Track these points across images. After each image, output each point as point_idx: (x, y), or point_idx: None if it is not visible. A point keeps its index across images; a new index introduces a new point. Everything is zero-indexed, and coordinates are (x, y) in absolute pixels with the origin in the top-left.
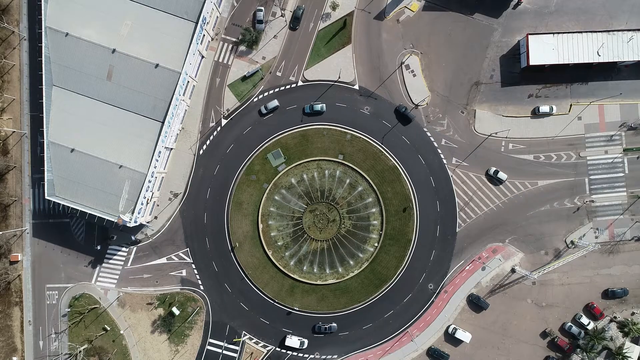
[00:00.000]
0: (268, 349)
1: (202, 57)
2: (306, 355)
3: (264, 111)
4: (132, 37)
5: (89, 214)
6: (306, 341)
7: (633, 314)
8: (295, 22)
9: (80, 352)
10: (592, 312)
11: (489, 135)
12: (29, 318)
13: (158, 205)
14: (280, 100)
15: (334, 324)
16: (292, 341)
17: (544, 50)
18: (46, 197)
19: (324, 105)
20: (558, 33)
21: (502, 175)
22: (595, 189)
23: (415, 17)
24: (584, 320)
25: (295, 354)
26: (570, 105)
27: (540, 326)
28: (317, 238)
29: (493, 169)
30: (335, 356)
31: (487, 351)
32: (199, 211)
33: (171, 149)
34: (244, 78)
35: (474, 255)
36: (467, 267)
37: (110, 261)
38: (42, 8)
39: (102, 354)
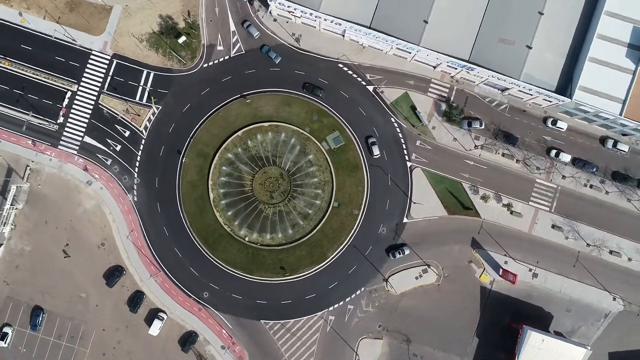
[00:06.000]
0: (146, 140)
1: (433, 67)
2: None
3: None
4: None
5: None
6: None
7: None
8: None
9: None
10: None
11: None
12: None
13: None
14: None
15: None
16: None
17: None
18: None
19: (280, 58)
20: None
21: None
22: None
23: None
24: None
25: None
26: None
27: None
28: (254, 188)
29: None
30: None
31: None
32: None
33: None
34: (412, 107)
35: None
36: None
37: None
38: None
39: None
